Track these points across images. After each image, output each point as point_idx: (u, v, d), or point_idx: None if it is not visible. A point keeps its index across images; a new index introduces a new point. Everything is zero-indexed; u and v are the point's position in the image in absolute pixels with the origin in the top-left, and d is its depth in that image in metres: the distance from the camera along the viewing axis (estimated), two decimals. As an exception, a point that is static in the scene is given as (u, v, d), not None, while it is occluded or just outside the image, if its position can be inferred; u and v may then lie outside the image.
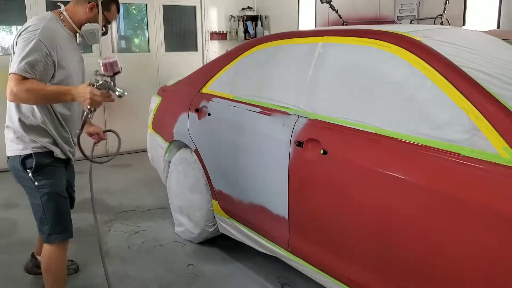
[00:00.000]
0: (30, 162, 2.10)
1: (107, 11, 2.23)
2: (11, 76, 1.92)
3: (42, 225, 2.20)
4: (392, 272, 1.87)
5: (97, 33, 2.22)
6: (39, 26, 2.00)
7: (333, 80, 2.21)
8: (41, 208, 2.15)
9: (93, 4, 2.16)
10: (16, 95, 1.91)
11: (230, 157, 2.71)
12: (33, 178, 2.11)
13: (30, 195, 2.20)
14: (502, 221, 1.49)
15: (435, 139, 1.74)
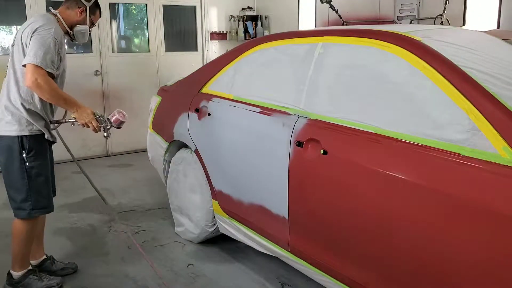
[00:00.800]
0: (25, 144, 2.36)
1: (93, 15, 2.61)
2: (35, 67, 2.21)
3: (22, 202, 2.41)
4: (392, 272, 1.87)
5: (86, 33, 2.59)
6: (51, 26, 2.35)
7: (333, 80, 2.21)
8: (25, 188, 2.39)
9: (83, 9, 2.54)
10: (39, 86, 2.23)
11: (230, 157, 2.71)
12: (26, 159, 2.36)
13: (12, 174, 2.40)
14: (502, 221, 1.49)
15: (435, 139, 1.74)
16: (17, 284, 2.54)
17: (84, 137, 5.19)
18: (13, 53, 2.39)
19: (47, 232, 3.43)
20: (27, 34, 2.31)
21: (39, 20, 2.36)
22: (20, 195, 2.41)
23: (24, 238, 2.48)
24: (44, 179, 2.46)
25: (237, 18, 6.37)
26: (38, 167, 2.41)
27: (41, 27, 2.30)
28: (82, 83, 5.24)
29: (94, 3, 2.59)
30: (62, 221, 3.60)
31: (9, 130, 2.35)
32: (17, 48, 2.37)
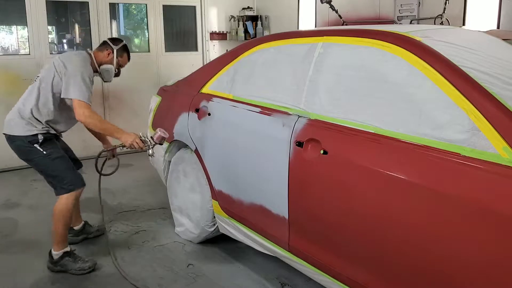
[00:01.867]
0: (36, 139, 2.76)
1: (120, 57, 3.06)
2: (83, 103, 2.70)
3: (61, 182, 2.80)
4: (392, 272, 1.87)
5: (110, 72, 3.03)
6: (86, 68, 2.80)
7: (333, 80, 2.21)
8: (56, 169, 2.80)
9: (110, 51, 3.01)
10: (88, 120, 2.72)
11: (230, 157, 2.71)
12: (41, 149, 2.77)
13: (42, 165, 2.83)
14: (502, 221, 1.49)
15: (435, 139, 1.74)
16: (56, 264, 2.84)
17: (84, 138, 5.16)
18: (44, 75, 2.81)
19: (47, 232, 3.44)
20: (63, 65, 2.75)
21: (79, 62, 2.79)
22: (55, 178, 2.81)
23: (63, 216, 2.79)
24: (64, 159, 2.85)
25: (237, 18, 6.37)
26: (54, 152, 2.81)
27: (82, 70, 2.74)
28: (82, 83, 5.23)
29: (121, 47, 3.03)
30: (62, 221, 3.60)
31: (18, 131, 2.76)
32: (48, 72, 2.80)
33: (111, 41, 3.04)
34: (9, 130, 2.80)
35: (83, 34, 5.64)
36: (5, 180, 4.74)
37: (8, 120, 2.83)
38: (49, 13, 5.18)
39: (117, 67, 3.06)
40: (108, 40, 3.06)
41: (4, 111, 4.93)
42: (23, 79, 5.04)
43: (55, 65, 2.79)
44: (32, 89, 2.82)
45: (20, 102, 2.85)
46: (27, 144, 2.75)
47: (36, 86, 2.81)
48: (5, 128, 2.82)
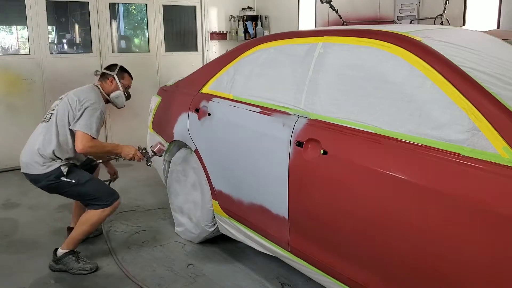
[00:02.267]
0: (61, 172, 2.79)
1: (122, 79, 3.14)
2: (86, 136, 2.76)
3: (99, 201, 2.83)
4: (392, 272, 1.87)
5: (121, 97, 3.14)
6: (99, 101, 2.92)
7: (333, 80, 2.21)
8: (88, 193, 2.84)
9: (112, 78, 3.10)
10: (89, 151, 2.81)
11: (230, 157, 2.71)
12: (68, 179, 2.80)
13: (75, 193, 2.87)
14: (502, 221, 1.49)
15: (435, 139, 1.74)
16: (58, 261, 2.85)
17: None
18: (60, 112, 2.85)
19: (47, 232, 3.45)
20: (77, 101, 2.83)
21: (92, 95, 2.90)
22: (92, 200, 2.84)
23: (91, 225, 2.84)
24: (93, 180, 2.91)
25: (237, 18, 6.37)
26: (81, 177, 2.84)
27: (94, 103, 2.84)
28: (82, 83, 5.17)
29: (119, 70, 3.13)
30: (62, 221, 3.60)
31: (39, 170, 2.78)
32: (63, 110, 2.85)
33: (108, 70, 3.14)
34: (29, 170, 2.82)
35: (83, 34, 5.64)
36: (5, 180, 4.74)
37: (26, 160, 2.82)
38: (49, 13, 5.18)
39: (124, 90, 3.15)
40: (105, 70, 3.16)
41: (4, 111, 4.99)
42: (23, 79, 5.04)
43: (69, 101, 2.84)
44: (50, 128, 2.82)
45: (38, 141, 2.81)
46: (53, 180, 2.78)
47: (53, 124, 2.83)
48: (24, 168, 2.85)
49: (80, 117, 2.78)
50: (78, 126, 2.77)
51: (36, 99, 5.09)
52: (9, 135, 4.97)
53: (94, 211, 2.83)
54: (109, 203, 2.83)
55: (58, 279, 2.79)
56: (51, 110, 2.92)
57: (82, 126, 2.76)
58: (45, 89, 5.12)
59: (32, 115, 5.04)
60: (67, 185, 2.80)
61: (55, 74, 5.13)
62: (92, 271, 2.84)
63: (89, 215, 2.83)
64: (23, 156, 2.85)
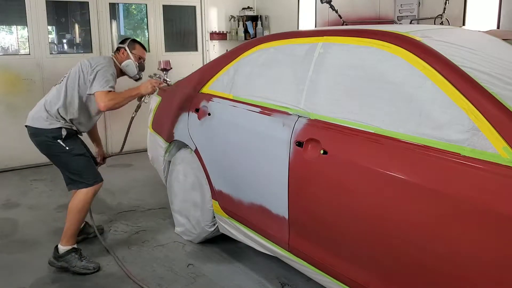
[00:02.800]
0: (60, 134, 2.86)
1: (134, 49, 3.20)
2: (102, 93, 2.82)
3: (80, 177, 2.88)
4: (392, 272, 1.87)
5: (131, 65, 3.17)
6: (110, 65, 3.00)
7: (333, 80, 2.21)
8: (77, 165, 2.89)
9: (123, 49, 3.18)
10: (110, 106, 2.84)
11: (230, 157, 2.71)
12: (64, 144, 2.86)
13: (63, 161, 2.91)
14: (502, 221, 1.49)
15: (435, 139, 1.74)
16: (60, 258, 2.86)
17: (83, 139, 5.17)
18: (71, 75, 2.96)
19: (47, 232, 3.45)
20: (89, 65, 2.91)
21: (100, 59, 2.99)
22: (75, 174, 2.89)
23: (79, 211, 2.87)
24: (85, 156, 2.95)
25: (237, 18, 6.37)
26: (76, 148, 2.91)
27: (105, 66, 2.92)
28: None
29: (131, 41, 3.21)
30: (62, 221, 3.57)
31: (42, 124, 2.85)
32: (75, 73, 2.95)
33: (120, 43, 3.25)
34: (32, 123, 2.90)
35: (83, 34, 5.64)
36: (5, 180, 4.75)
37: (32, 114, 2.93)
38: (49, 13, 5.18)
39: (136, 60, 3.19)
40: (119, 44, 3.26)
41: (4, 110, 4.99)
42: (23, 79, 5.04)
43: (81, 66, 2.94)
44: (60, 88, 2.94)
45: (47, 99, 2.95)
46: (50, 139, 2.84)
47: (63, 85, 2.93)
48: (29, 120, 2.93)
49: (93, 80, 2.86)
50: (94, 89, 2.85)
51: (36, 99, 4.99)
52: (9, 135, 4.97)
53: (78, 198, 2.86)
54: (90, 183, 2.87)
55: (58, 279, 2.79)
56: (64, 75, 3.02)
57: (97, 86, 2.84)
58: (45, 89, 5.09)
59: (32, 115, 5.05)
60: (60, 150, 2.86)
61: (55, 74, 5.11)
62: (95, 270, 2.84)
63: (74, 202, 2.87)
64: (31, 112, 2.96)
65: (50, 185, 4.53)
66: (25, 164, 5.11)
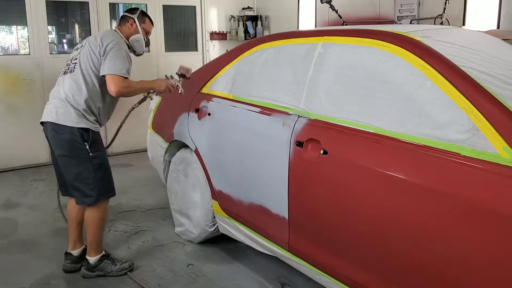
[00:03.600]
0: (87, 136, 2.59)
1: (143, 23, 2.90)
2: (116, 77, 2.53)
3: (89, 190, 2.63)
4: (392, 272, 1.87)
5: (141, 41, 2.89)
6: (122, 41, 2.71)
7: (333, 80, 2.21)
8: (92, 175, 2.62)
9: (132, 21, 2.86)
10: (124, 92, 2.55)
11: (230, 157, 2.71)
12: (89, 149, 2.59)
13: (80, 165, 2.61)
14: (502, 221, 1.49)
15: (435, 139, 1.74)
16: (94, 269, 2.76)
17: None
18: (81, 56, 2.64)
19: (47, 232, 3.45)
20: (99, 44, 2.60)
21: (110, 35, 2.67)
22: (86, 186, 2.63)
23: (96, 223, 2.70)
24: (107, 167, 2.72)
25: (237, 18, 6.37)
26: (100, 156, 2.66)
27: (116, 43, 2.62)
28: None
29: (140, 14, 2.89)
30: (62, 221, 3.59)
31: (70, 121, 2.56)
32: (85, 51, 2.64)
33: (128, 13, 2.90)
34: (56, 119, 2.56)
35: (83, 34, 5.64)
36: (5, 180, 4.74)
37: (54, 109, 2.59)
38: (49, 13, 5.18)
39: (144, 35, 2.91)
40: (125, 13, 2.91)
41: (4, 111, 4.99)
42: (23, 79, 5.04)
43: (90, 46, 2.63)
44: (76, 77, 2.61)
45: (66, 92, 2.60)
46: (79, 140, 2.56)
47: (79, 72, 2.61)
48: (51, 115, 2.59)
49: (105, 60, 2.56)
50: (106, 70, 2.54)
51: (36, 99, 5.09)
52: (9, 135, 4.97)
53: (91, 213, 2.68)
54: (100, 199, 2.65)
55: (58, 279, 2.79)
56: (73, 60, 2.70)
57: (111, 68, 2.53)
58: (45, 89, 5.11)
59: (32, 115, 5.04)
60: (82, 154, 2.58)
61: (55, 74, 5.05)
62: (131, 267, 2.82)
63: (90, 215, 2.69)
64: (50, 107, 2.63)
65: (50, 185, 4.52)
66: (25, 164, 5.11)
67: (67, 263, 2.86)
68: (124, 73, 2.56)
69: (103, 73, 2.55)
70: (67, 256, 2.87)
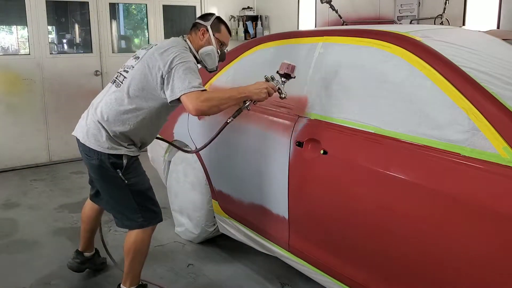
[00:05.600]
0: (120, 163, 2.22)
1: (218, 32, 2.44)
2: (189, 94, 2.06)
3: (132, 214, 2.31)
4: (392, 272, 1.87)
5: (212, 54, 2.39)
6: (184, 51, 2.21)
7: (333, 80, 2.21)
8: (132, 201, 2.28)
9: (204, 30, 2.39)
10: (203, 110, 2.09)
11: (230, 157, 2.71)
12: (123, 177, 2.22)
13: (117, 191, 2.29)
14: (502, 221, 1.49)
15: (435, 139, 1.74)
16: None
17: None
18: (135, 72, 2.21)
19: (47, 232, 3.45)
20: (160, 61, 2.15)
21: (173, 50, 2.18)
22: (128, 211, 2.32)
23: (140, 252, 2.36)
24: (148, 192, 2.36)
25: (237, 18, 6.37)
26: (138, 182, 2.30)
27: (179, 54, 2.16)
28: (82, 83, 5.25)
29: (215, 21, 2.44)
30: (62, 221, 3.60)
31: (99, 146, 2.20)
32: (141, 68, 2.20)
33: (201, 19, 2.44)
34: (84, 140, 2.24)
35: (83, 34, 5.64)
36: (5, 180, 4.74)
37: (84, 128, 2.26)
38: (49, 13, 5.18)
39: (219, 47, 2.45)
40: (197, 20, 2.46)
41: (4, 111, 4.99)
42: (23, 79, 5.04)
43: (148, 62, 2.19)
44: (121, 97, 2.21)
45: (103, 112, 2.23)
46: (109, 167, 2.21)
47: (124, 93, 2.21)
48: (80, 134, 2.27)
49: (172, 80, 2.11)
50: (178, 92, 2.09)
51: (36, 99, 5.09)
52: (9, 135, 4.97)
53: (132, 238, 2.34)
54: (145, 224, 2.33)
55: (58, 279, 2.79)
56: (125, 70, 2.28)
57: (182, 88, 2.08)
58: (45, 89, 5.12)
59: (32, 115, 5.05)
60: (117, 182, 2.23)
61: (55, 74, 5.13)
62: None
63: (129, 242, 2.34)
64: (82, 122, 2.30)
65: (50, 185, 4.53)
66: (25, 164, 5.11)
67: (75, 261, 2.71)
68: (197, 86, 2.09)
69: (174, 97, 2.12)
70: (78, 256, 2.73)
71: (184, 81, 2.09)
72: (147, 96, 2.21)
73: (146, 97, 2.21)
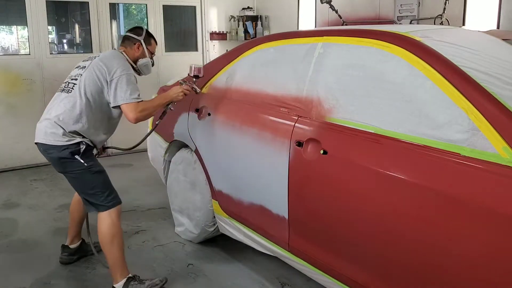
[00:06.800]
0: (78, 149, 2.49)
1: (149, 45, 2.83)
2: (129, 105, 2.48)
3: (96, 198, 2.54)
4: (392, 272, 1.87)
5: (149, 65, 2.84)
6: (127, 65, 2.60)
7: (333, 80, 2.21)
8: (94, 184, 2.54)
9: (139, 44, 2.77)
10: (141, 118, 2.52)
11: (230, 157, 2.71)
12: (82, 160, 2.50)
13: (80, 178, 2.55)
14: (502, 221, 1.49)
15: (435, 139, 1.74)
16: None
17: None
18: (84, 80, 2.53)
19: (47, 232, 3.45)
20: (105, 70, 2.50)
21: (115, 61, 2.55)
22: (92, 195, 2.54)
23: (113, 236, 2.53)
24: (104, 173, 2.61)
25: (237, 18, 6.37)
26: (95, 165, 2.57)
27: (121, 70, 2.52)
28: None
29: (146, 35, 2.80)
30: (62, 221, 3.60)
31: (58, 141, 2.47)
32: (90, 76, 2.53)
33: (133, 33, 2.78)
34: (44, 139, 2.50)
35: (83, 34, 5.65)
36: (5, 180, 4.74)
37: (43, 129, 2.52)
38: (49, 13, 5.18)
39: (150, 57, 2.84)
40: (129, 34, 2.79)
41: (4, 111, 4.99)
42: (23, 79, 5.05)
43: (95, 69, 2.53)
44: (73, 100, 2.51)
45: (58, 115, 2.51)
46: (67, 156, 2.46)
47: (76, 95, 2.51)
48: (39, 136, 2.53)
49: (116, 89, 2.48)
50: (120, 100, 2.48)
51: (36, 99, 5.10)
52: (9, 135, 4.97)
53: (103, 226, 2.52)
54: (109, 205, 2.53)
55: (58, 279, 2.79)
56: (72, 79, 2.60)
57: (123, 97, 2.47)
58: (45, 89, 5.12)
59: (32, 115, 5.03)
60: (77, 167, 2.48)
61: (55, 74, 5.13)
62: (164, 282, 2.65)
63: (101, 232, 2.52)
64: (40, 126, 2.56)
65: (50, 185, 4.53)
66: (25, 164, 5.12)
67: (64, 255, 2.94)
68: (136, 97, 2.49)
69: (116, 104, 2.50)
70: (64, 249, 2.95)
71: (126, 92, 2.48)
72: (96, 98, 2.53)
73: (96, 99, 2.53)
